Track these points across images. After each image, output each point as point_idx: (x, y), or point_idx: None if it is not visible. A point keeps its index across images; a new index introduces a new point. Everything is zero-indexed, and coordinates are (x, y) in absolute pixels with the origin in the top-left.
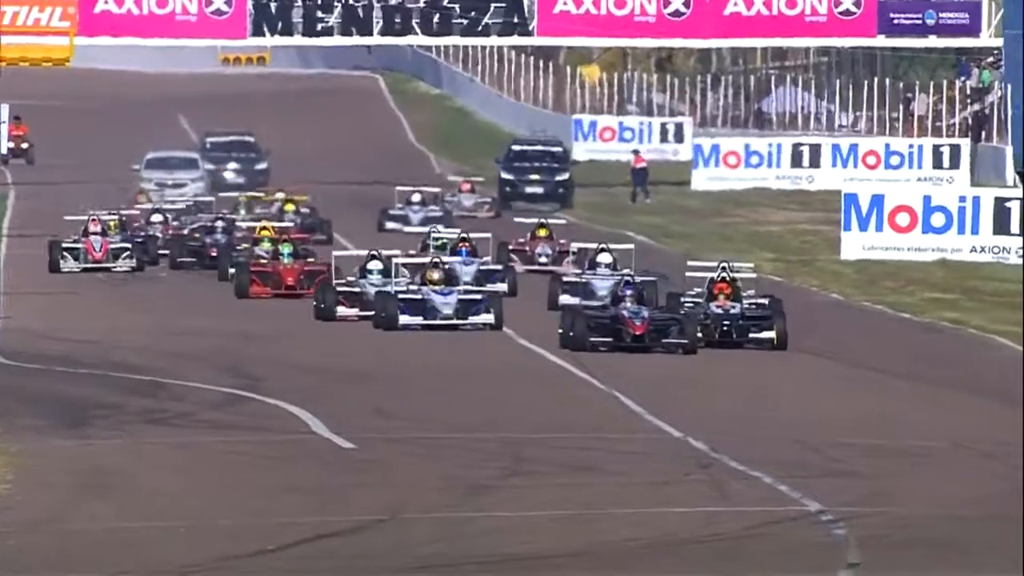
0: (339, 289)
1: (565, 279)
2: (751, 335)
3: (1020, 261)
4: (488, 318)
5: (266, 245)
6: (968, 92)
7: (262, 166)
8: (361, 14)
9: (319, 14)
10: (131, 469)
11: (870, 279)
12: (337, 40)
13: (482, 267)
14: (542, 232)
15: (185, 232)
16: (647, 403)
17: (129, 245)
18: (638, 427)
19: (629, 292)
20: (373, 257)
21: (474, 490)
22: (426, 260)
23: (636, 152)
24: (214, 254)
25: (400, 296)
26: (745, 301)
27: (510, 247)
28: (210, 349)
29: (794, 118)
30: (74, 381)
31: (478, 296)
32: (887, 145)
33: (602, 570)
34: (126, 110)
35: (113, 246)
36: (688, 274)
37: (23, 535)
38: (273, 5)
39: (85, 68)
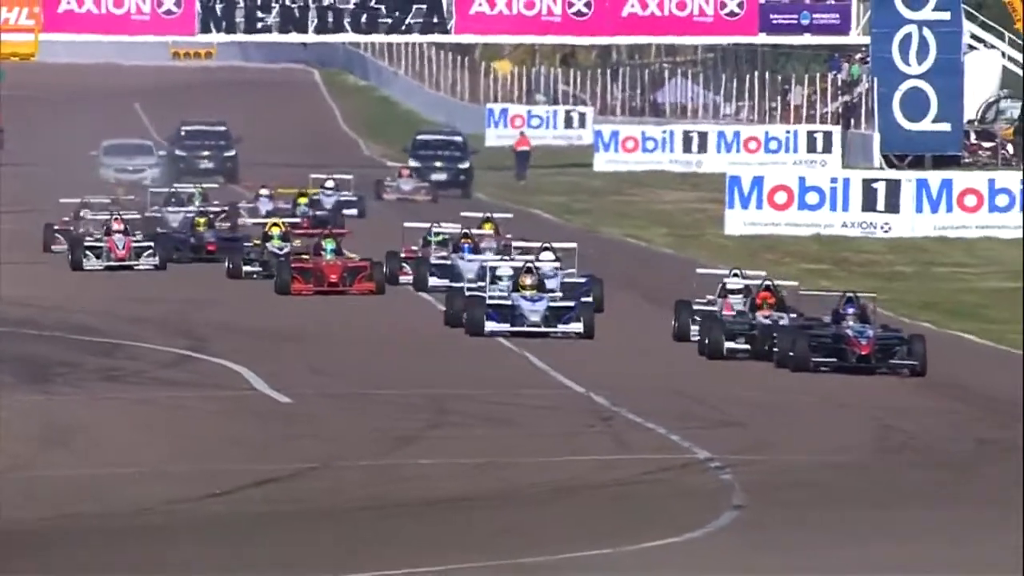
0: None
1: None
2: (891, 360)
3: (885, 235)
4: (578, 327)
5: (276, 242)
6: (839, 84)
7: (231, 153)
8: (297, 14)
9: (259, 14)
10: (89, 422)
11: (752, 252)
12: (276, 37)
13: (567, 279)
14: (487, 227)
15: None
16: (554, 363)
17: (152, 243)
18: (546, 384)
19: (851, 310)
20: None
21: (400, 440)
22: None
23: (521, 134)
24: (211, 248)
25: (489, 302)
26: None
27: (402, 255)
28: (163, 314)
29: (685, 108)
30: (38, 342)
31: (570, 304)
32: (766, 132)
33: (515, 510)
34: (86, 100)
35: (136, 244)
36: (704, 271)
37: None
38: (219, 6)
39: (49, 62)
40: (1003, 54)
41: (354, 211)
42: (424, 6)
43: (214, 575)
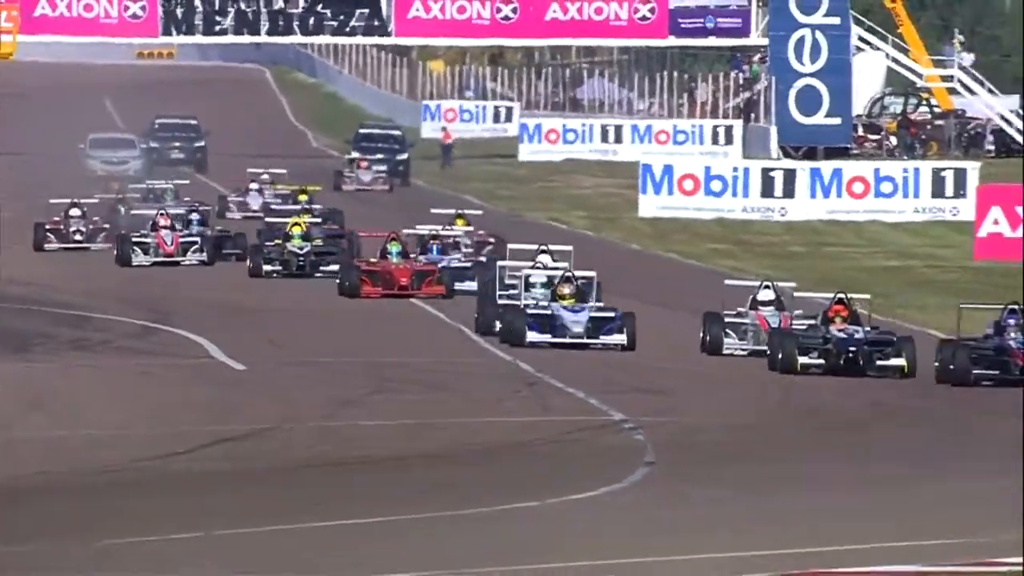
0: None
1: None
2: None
3: (782, 218)
4: (620, 338)
5: (296, 241)
6: (740, 82)
7: (200, 144)
8: (251, 17)
9: (216, 17)
10: (63, 387)
11: (662, 233)
12: (231, 39)
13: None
14: (459, 222)
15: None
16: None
17: (199, 239)
18: (477, 352)
19: (1013, 321)
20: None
21: (345, 404)
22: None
23: (444, 129)
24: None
25: (529, 311)
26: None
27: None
28: (130, 289)
29: (602, 103)
30: (16, 316)
31: (611, 315)
32: (675, 125)
33: (450, 468)
34: (60, 96)
35: (183, 240)
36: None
37: None
38: (179, 10)
39: (26, 61)
40: (887, 55)
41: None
42: (366, 11)
43: (178, 526)
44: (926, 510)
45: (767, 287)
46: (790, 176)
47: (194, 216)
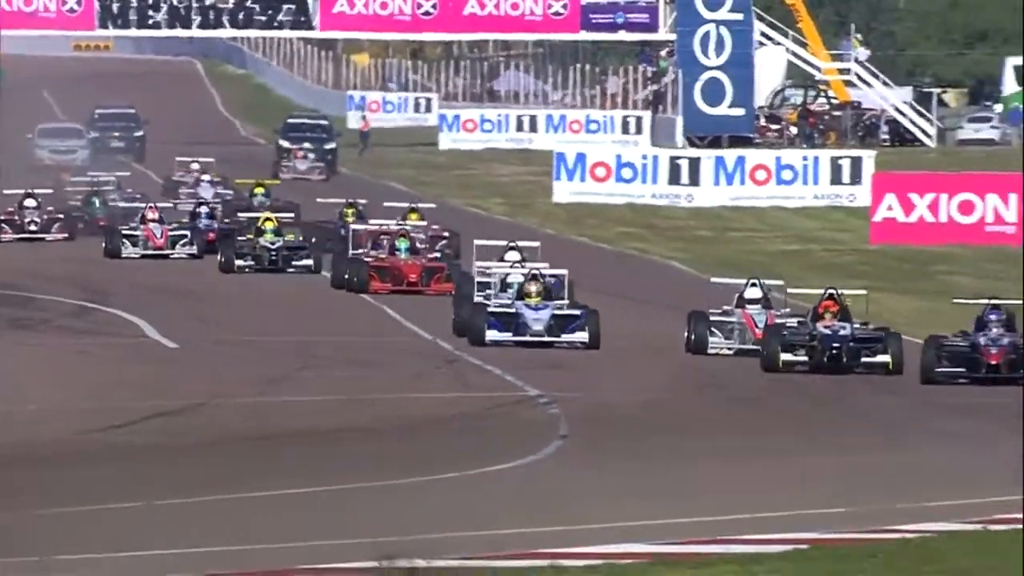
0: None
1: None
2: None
3: (688, 204)
4: (582, 336)
5: (269, 236)
6: (648, 75)
7: (139, 133)
8: (183, 12)
9: (150, 12)
10: (5, 365)
11: (576, 218)
12: (164, 32)
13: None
14: (413, 216)
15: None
16: (405, 312)
17: (188, 232)
18: (399, 332)
19: (995, 317)
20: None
21: (274, 380)
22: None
23: (363, 118)
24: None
25: (490, 310)
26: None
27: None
28: (69, 272)
29: (517, 94)
30: None
31: (576, 312)
32: (587, 116)
33: (376, 441)
34: None
35: (172, 233)
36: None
37: None
38: (114, 5)
39: None
40: (787, 49)
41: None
42: (293, 5)
43: (118, 496)
44: (817, 480)
45: (754, 285)
46: (696, 164)
47: (202, 209)
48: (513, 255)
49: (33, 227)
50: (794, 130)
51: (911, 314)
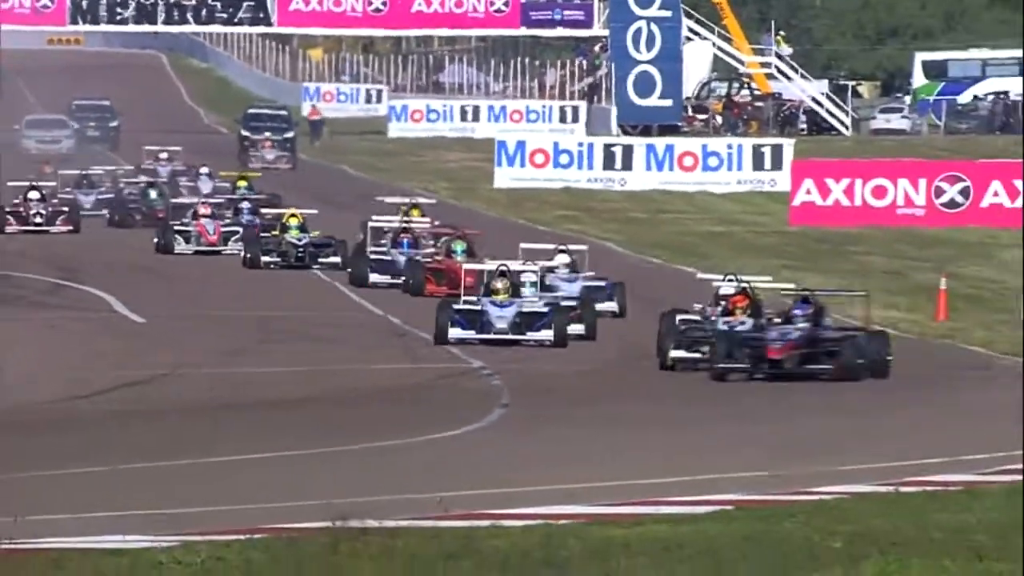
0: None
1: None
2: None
3: (622, 188)
4: (548, 334)
5: (294, 233)
6: (584, 68)
7: (115, 123)
8: (149, 8)
9: (118, 8)
10: None
11: (516, 202)
12: (132, 28)
13: (587, 283)
14: (415, 212)
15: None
16: (356, 290)
17: (240, 228)
18: (352, 307)
19: (800, 312)
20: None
21: (236, 352)
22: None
23: (313, 107)
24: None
25: (455, 307)
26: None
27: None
28: (45, 248)
29: (462, 86)
30: None
31: (543, 310)
32: (527, 106)
33: (330, 411)
34: None
35: (225, 229)
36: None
37: None
38: (85, 2)
39: None
40: (713, 44)
41: (186, 179)
42: (252, 3)
43: (85, 461)
44: (739, 446)
45: (730, 280)
46: (628, 151)
47: (244, 205)
48: (562, 258)
49: (39, 219)
50: (719, 120)
51: None
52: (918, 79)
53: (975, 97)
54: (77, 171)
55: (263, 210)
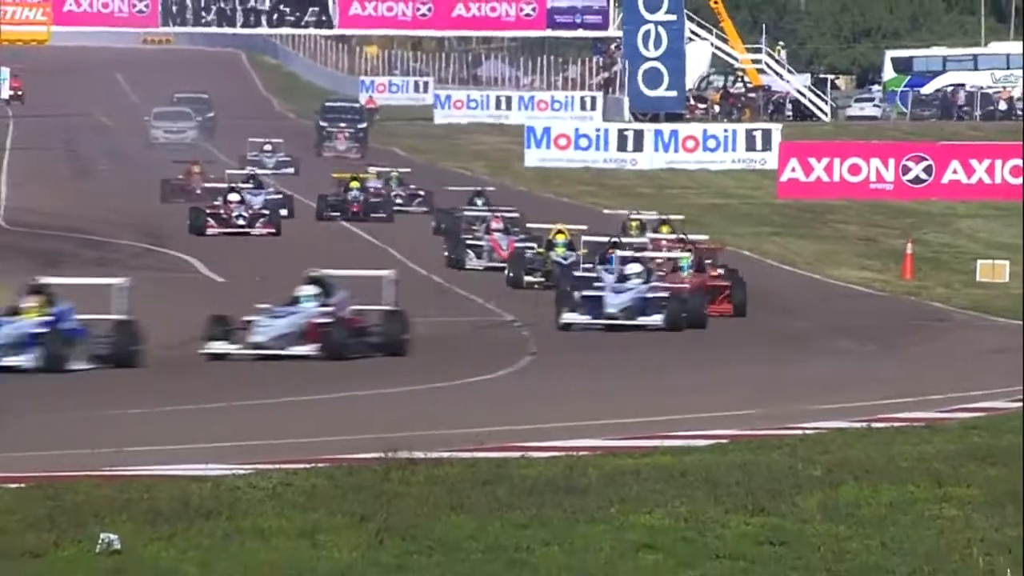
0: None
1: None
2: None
3: (633, 167)
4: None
5: (560, 250)
6: (601, 64)
7: (211, 115)
8: (229, 13)
9: (203, 13)
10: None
11: (543, 179)
12: (214, 29)
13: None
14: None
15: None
16: (396, 247)
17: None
18: (394, 264)
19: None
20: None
21: None
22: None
23: (370, 97)
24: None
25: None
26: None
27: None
28: (135, 216)
29: (496, 79)
30: (43, 240)
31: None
32: (552, 97)
33: (382, 358)
34: (82, 72)
35: (519, 244)
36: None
37: None
38: (175, 7)
39: (55, 46)
40: (712, 44)
41: (291, 169)
42: (316, 8)
43: (173, 400)
44: (734, 387)
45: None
46: (639, 135)
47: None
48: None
49: (240, 221)
50: (717, 108)
51: (810, 255)
52: (887, 73)
53: (936, 89)
54: (244, 171)
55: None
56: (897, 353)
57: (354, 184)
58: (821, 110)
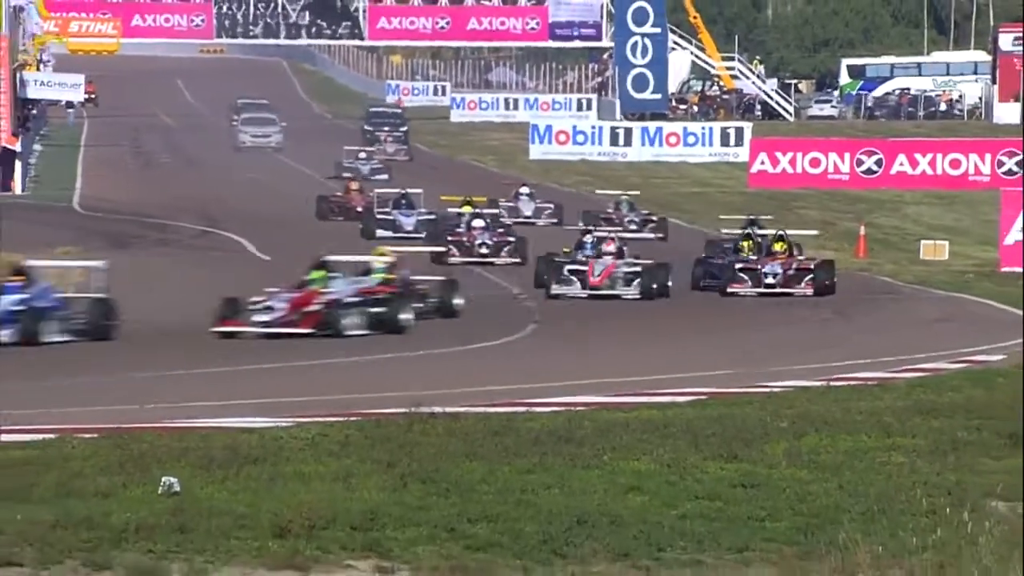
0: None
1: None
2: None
3: (623, 160)
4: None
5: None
6: (595, 70)
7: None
8: (273, 26)
9: (251, 27)
10: (152, 271)
11: (545, 170)
12: (260, 40)
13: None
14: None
15: None
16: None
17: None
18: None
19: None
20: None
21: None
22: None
23: (398, 99)
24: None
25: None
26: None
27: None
28: (193, 203)
29: (505, 83)
30: (113, 223)
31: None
32: (553, 99)
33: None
34: (147, 78)
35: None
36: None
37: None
38: (227, 21)
39: (123, 55)
40: (691, 53)
41: (384, 176)
42: (349, 22)
43: (223, 362)
44: (709, 353)
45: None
46: (628, 132)
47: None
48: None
49: (484, 249)
50: (696, 109)
51: None
52: (844, 78)
53: (886, 92)
54: (396, 191)
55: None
56: (852, 321)
57: (467, 208)
58: (786, 110)
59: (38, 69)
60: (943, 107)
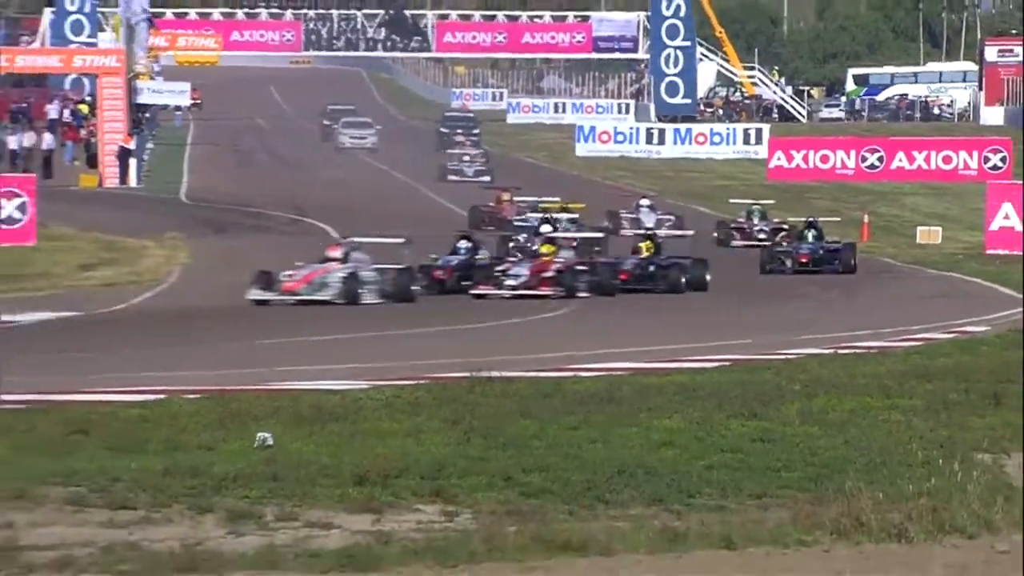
0: None
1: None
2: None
3: (657, 156)
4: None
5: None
6: (633, 78)
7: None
8: (354, 41)
9: (334, 40)
10: (245, 251)
11: (590, 166)
12: (343, 53)
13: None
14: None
15: None
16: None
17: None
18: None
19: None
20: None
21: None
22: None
23: (464, 104)
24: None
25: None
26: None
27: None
28: (285, 196)
29: (554, 90)
30: (215, 212)
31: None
32: (597, 103)
33: (468, 302)
34: (244, 86)
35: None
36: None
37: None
38: (313, 36)
39: (223, 66)
40: (717, 63)
41: (487, 177)
42: (419, 37)
43: (291, 333)
44: (733, 326)
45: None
46: (662, 132)
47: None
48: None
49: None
50: (721, 112)
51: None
52: (849, 85)
53: (887, 97)
54: (533, 199)
55: None
56: (855, 298)
57: (562, 214)
58: (799, 113)
59: (150, 78)
60: (936, 110)
